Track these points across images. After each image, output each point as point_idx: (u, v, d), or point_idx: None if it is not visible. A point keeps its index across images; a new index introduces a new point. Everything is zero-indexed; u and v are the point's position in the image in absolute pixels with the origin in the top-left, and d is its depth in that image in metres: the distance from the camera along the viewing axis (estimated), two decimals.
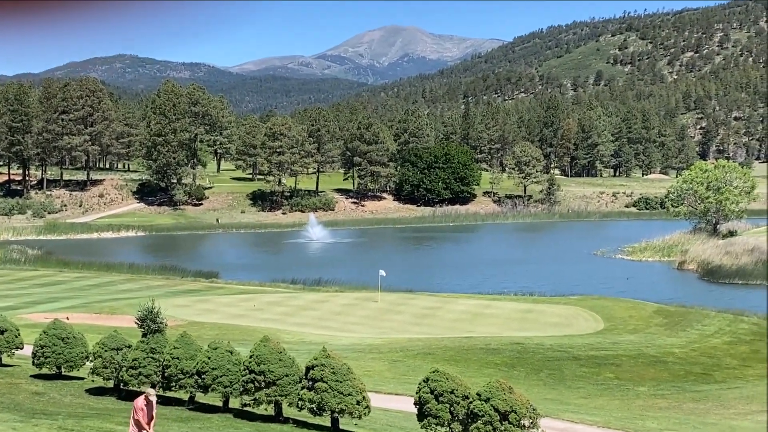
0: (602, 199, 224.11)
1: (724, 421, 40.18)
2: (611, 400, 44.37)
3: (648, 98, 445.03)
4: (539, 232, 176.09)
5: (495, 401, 25.62)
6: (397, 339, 56.49)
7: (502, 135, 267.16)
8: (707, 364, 53.48)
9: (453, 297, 77.07)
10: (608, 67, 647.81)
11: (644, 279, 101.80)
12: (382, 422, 31.90)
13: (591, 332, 60.95)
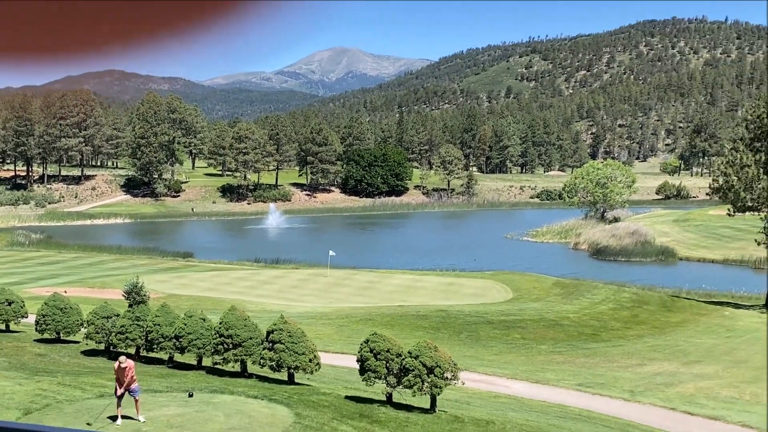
0: (511, 191, 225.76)
1: (609, 372, 40.74)
2: (518, 356, 44.82)
3: (549, 109, 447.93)
4: (460, 219, 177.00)
5: (423, 358, 25.78)
6: (342, 308, 56.62)
7: (429, 139, 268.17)
8: (596, 327, 54.21)
9: (389, 273, 77.41)
10: (516, 83, 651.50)
11: (545, 257, 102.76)
12: (331, 376, 31.99)
13: (502, 301, 61.54)
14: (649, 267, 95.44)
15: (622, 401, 33.34)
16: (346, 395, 27.70)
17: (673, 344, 50.12)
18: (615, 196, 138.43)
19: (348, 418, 24.75)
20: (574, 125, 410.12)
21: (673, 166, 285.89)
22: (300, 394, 27.17)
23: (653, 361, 44.73)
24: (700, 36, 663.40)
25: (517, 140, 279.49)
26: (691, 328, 55.72)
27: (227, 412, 24.32)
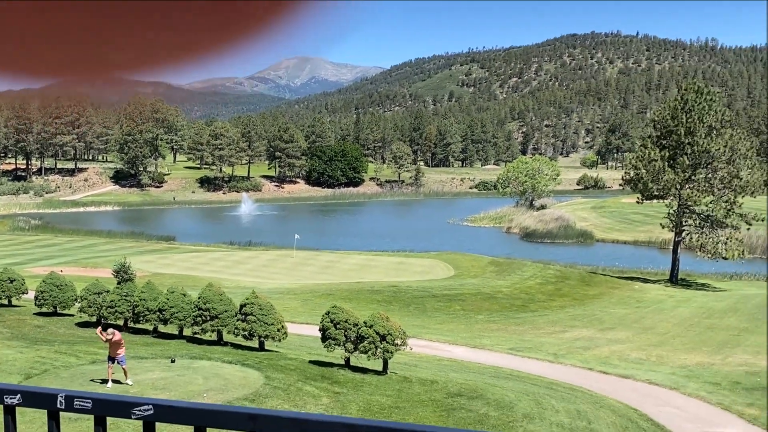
0: (453, 183, 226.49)
1: (536, 338, 41.24)
2: (458, 325, 45.17)
3: (485, 111, 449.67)
4: (409, 207, 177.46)
5: (376, 327, 25.94)
6: (307, 284, 56.62)
7: (382, 137, 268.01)
8: (525, 299, 54.78)
9: (348, 254, 77.47)
10: (458, 88, 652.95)
11: (482, 240, 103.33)
12: (296, 344, 32.05)
13: (445, 277, 61.92)
14: (570, 248, 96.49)
15: (547, 363, 33.80)
16: (310, 360, 27.79)
17: (590, 314, 50.86)
18: (542, 186, 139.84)
19: (311, 379, 24.86)
20: (507, 125, 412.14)
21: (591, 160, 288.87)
22: (269, 359, 27.22)
23: (574, 328, 45.35)
24: (615, 48, 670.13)
25: (458, 138, 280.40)
26: (606, 299, 56.57)
27: (205, 376, 24.34)
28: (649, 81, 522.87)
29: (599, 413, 24.84)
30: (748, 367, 33.64)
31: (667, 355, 36.87)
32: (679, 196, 67.31)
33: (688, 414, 25.77)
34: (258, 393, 22.85)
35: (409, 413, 22.54)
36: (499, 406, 24.00)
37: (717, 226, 66.58)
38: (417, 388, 25.07)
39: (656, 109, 74.45)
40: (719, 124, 65.97)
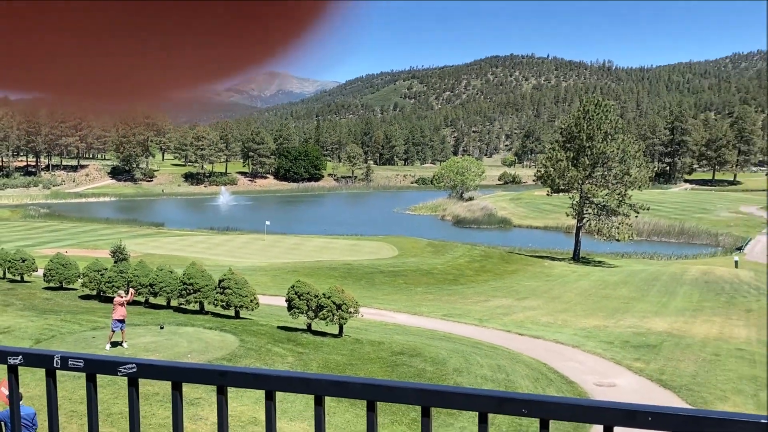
0: (397, 178, 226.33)
1: (465, 306, 41.58)
2: (402, 296, 45.32)
3: (424, 119, 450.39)
4: (361, 198, 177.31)
5: (333, 298, 25.91)
6: (275, 263, 56.28)
7: (339, 140, 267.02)
8: (456, 274, 55.17)
9: (310, 237, 77.13)
10: (401, 99, 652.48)
11: (421, 225, 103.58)
12: (266, 312, 31.86)
13: (390, 257, 62.03)
14: (493, 232, 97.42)
15: (473, 326, 34.11)
16: (278, 326, 27.67)
17: (509, 286, 51.45)
18: (470, 182, 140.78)
19: (279, 342, 24.76)
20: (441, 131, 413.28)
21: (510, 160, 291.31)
22: (244, 325, 27.04)
23: (495, 297, 45.83)
24: (529, 68, 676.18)
25: (401, 141, 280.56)
26: (521, 274, 57.27)
27: (189, 339, 24.10)
28: (557, 95, 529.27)
29: (516, 367, 25.18)
30: (635, 329, 34.38)
31: (570, 319, 37.49)
32: (580, 189, 68.35)
33: (587, 367, 26.26)
34: (234, 354, 22.70)
35: (361, 369, 22.60)
36: (434, 362, 24.19)
37: (611, 214, 67.79)
38: (367, 348, 25.13)
39: (563, 119, 75.38)
40: (613, 131, 67.11)
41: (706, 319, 37.99)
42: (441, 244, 69.52)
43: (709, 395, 22.92)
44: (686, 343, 30.83)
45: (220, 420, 2.02)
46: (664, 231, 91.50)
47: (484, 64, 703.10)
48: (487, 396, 1.73)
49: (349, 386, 1.88)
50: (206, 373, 2.02)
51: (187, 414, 16.33)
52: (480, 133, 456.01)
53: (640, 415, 1.55)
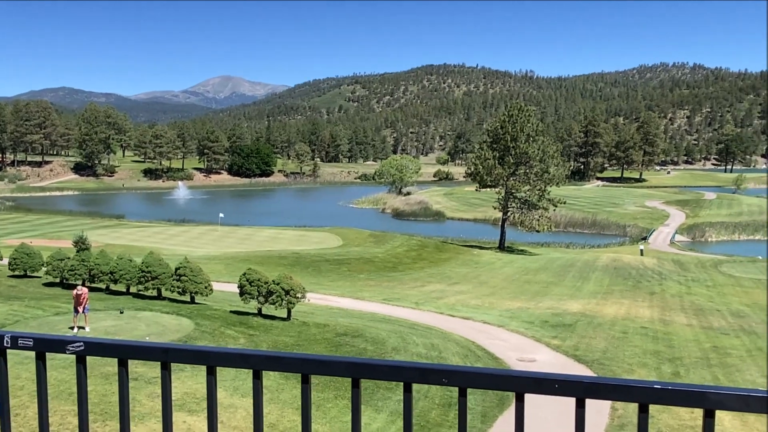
0: (342, 174, 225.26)
1: (403, 291, 41.79)
2: (346, 282, 45.28)
3: (366, 120, 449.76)
4: (309, 193, 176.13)
5: (282, 284, 25.71)
6: (229, 252, 55.48)
7: (288, 139, 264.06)
8: (395, 262, 55.41)
9: (261, 228, 76.26)
10: (345, 102, 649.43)
11: (364, 218, 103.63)
12: (220, 298, 31.40)
13: (335, 246, 61.88)
14: (428, 224, 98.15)
15: (410, 309, 34.32)
16: (231, 310, 27.30)
17: (442, 272, 51.94)
18: (407, 178, 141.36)
19: (231, 325, 24.44)
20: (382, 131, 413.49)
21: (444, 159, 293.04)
22: (199, 310, 26.59)
23: (430, 283, 46.22)
24: (461, 75, 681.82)
25: (345, 141, 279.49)
26: (453, 262, 57.88)
27: (147, 323, 23.58)
28: (485, 101, 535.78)
29: (447, 345, 25.45)
30: (553, 310, 35.15)
31: (496, 302, 38.09)
32: (505, 185, 69.34)
33: (510, 344, 26.72)
34: (189, 336, 22.31)
35: (307, 349, 22.49)
36: (374, 342, 24.25)
37: (532, 207, 69.01)
38: (313, 330, 25.03)
39: (490, 122, 76.34)
40: (534, 133, 68.25)
41: (615, 301, 39.11)
42: (382, 234, 69.68)
43: (617, 368, 23.60)
44: (597, 323, 31.67)
45: (164, 394, 1.97)
46: (578, 223, 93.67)
47: (420, 72, 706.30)
48: (411, 367, 1.74)
49: (285, 360, 1.85)
50: (150, 350, 1.95)
51: (146, 391, 15.98)
52: (417, 134, 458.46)
53: (547, 383, 1.61)
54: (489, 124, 75.44)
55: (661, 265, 54.96)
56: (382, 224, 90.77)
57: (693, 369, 23.90)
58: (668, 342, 28.19)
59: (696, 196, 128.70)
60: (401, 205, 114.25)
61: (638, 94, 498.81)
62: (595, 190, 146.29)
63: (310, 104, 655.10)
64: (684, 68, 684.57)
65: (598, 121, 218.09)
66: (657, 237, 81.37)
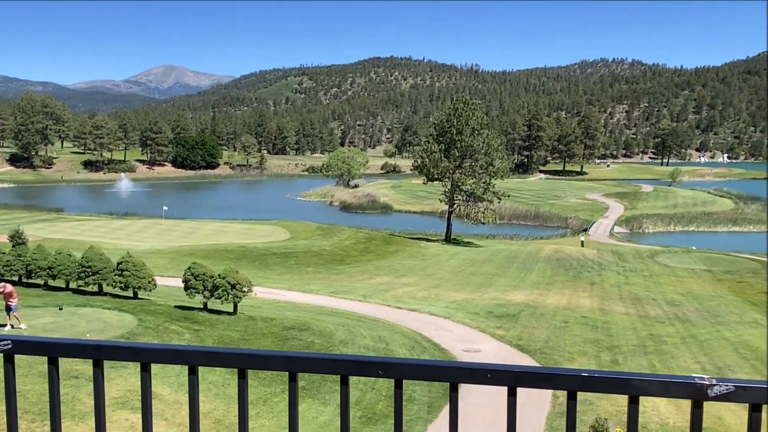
0: (290, 167, 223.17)
1: (351, 284, 41.80)
2: (293, 276, 45.01)
3: (313, 112, 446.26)
4: (256, 185, 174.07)
5: (228, 278, 25.40)
6: (173, 246, 54.40)
7: (234, 130, 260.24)
8: (343, 255, 55.35)
9: (207, 222, 75.02)
10: (292, 94, 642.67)
11: (311, 210, 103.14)
12: (164, 293, 30.79)
13: (283, 239, 61.40)
14: (376, 216, 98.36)
15: (357, 302, 34.37)
16: (175, 305, 26.81)
17: (389, 265, 52.16)
18: (355, 170, 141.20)
19: (176, 320, 24.01)
20: (330, 124, 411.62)
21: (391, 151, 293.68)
22: (142, 305, 26.01)
23: (377, 275, 46.36)
24: (407, 68, 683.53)
25: (293, 133, 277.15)
26: (401, 254, 58.18)
27: (88, 320, 22.94)
28: (431, 94, 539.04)
29: (394, 337, 25.60)
30: (497, 301, 35.74)
31: (442, 293, 38.48)
32: (451, 178, 70.01)
33: (456, 335, 27.05)
34: (132, 332, 21.82)
35: (254, 344, 22.29)
36: (322, 335, 24.20)
37: (478, 200, 69.91)
38: (260, 324, 24.82)
39: (436, 115, 76.83)
40: (479, 127, 69.06)
41: (557, 291, 40.01)
42: (329, 227, 69.50)
43: (559, 357, 24.18)
44: (540, 313, 32.35)
45: (96, 393, 1.93)
46: (522, 215, 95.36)
47: (367, 64, 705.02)
48: (347, 360, 1.75)
49: (221, 356, 1.84)
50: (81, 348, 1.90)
51: (87, 389, 15.58)
52: (364, 126, 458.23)
53: (480, 373, 1.66)
54: (435, 118, 75.94)
55: (600, 256, 56.47)
56: (329, 217, 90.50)
57: (630, 356, 24.68)
58: (607, 331, 29.03)
59: (634, 189, 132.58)
60: (349, 198, 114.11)
61: (579, 88, 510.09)
62: (538, 183, 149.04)
63: (256, 95, 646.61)
64: (623, 64, 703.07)
65: (541, 115, 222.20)
66: (597, 228, 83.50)
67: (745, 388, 1.54)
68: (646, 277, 46.42)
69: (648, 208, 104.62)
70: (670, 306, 36.13)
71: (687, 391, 1.58)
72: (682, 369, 23.03)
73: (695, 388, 1.56)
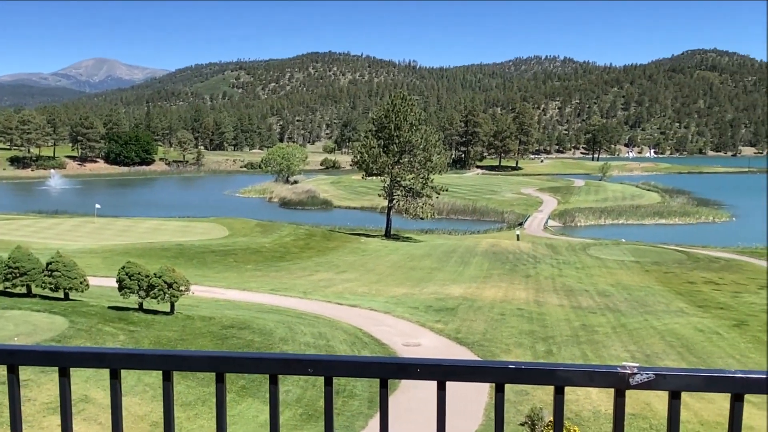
0: (228, 163, 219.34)
1: (291, 281, 41.49)
2: (232, 273, 44.35)
3: (252, 108, 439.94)
4: (193, 182, 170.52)
5: (165, 277, 24.84)
6: (107, 245, 52.76)
7: (170, 125, 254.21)
8: (283, 252, 54.87)
9: (142, 219, 73.01)
10: (230, 89, 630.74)
11: (250, 207, 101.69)
12: (97, 294, 29.84)
13: (222, 237, 60.38)
14: (316, 212, 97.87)
15: (298, 299, 34.15)
16: (109, 306, 26.03)
17: (330, 261, 52.01)
18: (294, 166, 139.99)
19: (110, 321, 23.33)
20: (268, 119, 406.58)
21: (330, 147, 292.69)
22: (74, 307, 25.15)
23: (318, 272, 46.17)
24: (346, 64, 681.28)
25: (230, 128, 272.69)
26: (341, 250, 58.09)
27: (16, 323, 22.03)
28: (370, 89, 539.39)
29: (335, 333, 25.56)
30: (436, 295, 36.12)
31: (383, 288, 38.63)
32: (390, 174, 70.23)
33: (396, 330, 27.21)
34: (63, 335, 21.08)
35: (192, 343, 21.88)
36: (261, 333, 23.95)
37: (416, 195, 70.33)
38: (198, 324, 24.37)
39: (375, 111, 76.90)
40: (417, 122, 69.50)
41: (494, 284, 40.74)
42: (269, 224, 68.77)
43: (496, 349, 24.63)
44: (478, 306, 32.88)
45: (11, 400, 1.85)
46: (460, 210, 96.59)
47: (305, 59, 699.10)
48: (274, 359, 1.73)
49: (143, 358, 1.80)
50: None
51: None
52: (303, 122, 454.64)
53: (410, 368, 1.67)
54: (374, 113, 76.04)
55: (535, 249, 57.77)
56: (269, 214, 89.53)
57: (564, 347, 25.36)
58: (542, 322, 29.74)
59: (567, 184, 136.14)
60: (288, 194, 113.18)
61: (514, 85, 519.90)
62: (475, 178, 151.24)
63: (192, 90, 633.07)
64: (555, 61, 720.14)
65: (478, 112, 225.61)
66: (532, 222, 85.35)
67: (665, 376, 1.59)
68: (578, 269, 47.76)
69: (580, 202, 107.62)
70: (601, 297, 37.29)
71: (610, 381, 1.62)
72: (613, 357, 23.81)
73: (617, 378, 1.61)
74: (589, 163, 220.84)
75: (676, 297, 38.07)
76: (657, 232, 77.94)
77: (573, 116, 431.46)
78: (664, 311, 33.59)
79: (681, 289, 40.55)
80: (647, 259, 53.06)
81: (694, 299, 37.41)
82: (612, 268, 48.76)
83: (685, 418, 16.71)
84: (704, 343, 26.84)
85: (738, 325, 30.42)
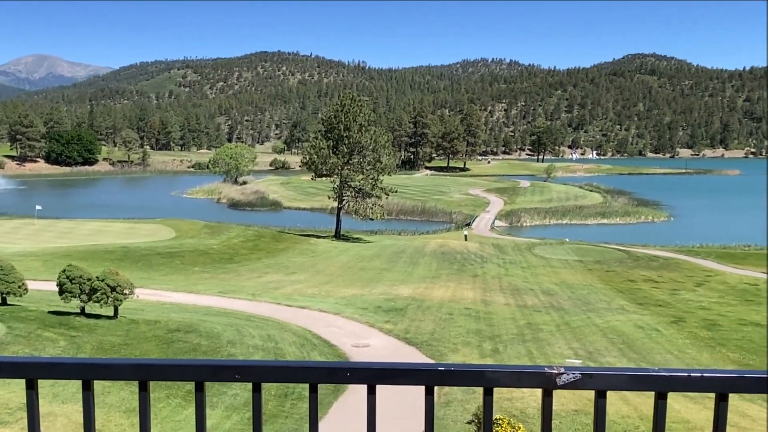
0: (174, 163, 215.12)
1: (239, 283, 40.94)
2: (179, 276, 43.51)
3: (199, 107, 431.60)
4: (139, 182, 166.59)
5: (108, 280, 24.20)
6: (48, 247, 51.07)
7: (114, 125, 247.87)
8: (231, 253, 54.14)
9: (85, 221, 70.88)
10: (176, 88, 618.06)
11: (198, 208, 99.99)
12: (37, 298, 28.82)
13: (168, 238, 59.14)
14: (265, 213, 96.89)
15: (246, 301, 33.73)
16: (49, 311, 25.19)
17: (279, 262, 51.57)
18: (243, 167, 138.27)
19: (50, 326, 22.57)
20: (216, 119, 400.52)
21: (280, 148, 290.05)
22: (11, 312, 24.25)
23: (267, 273, 45.71)
24: (295, 64, 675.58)
25: (177, 128, 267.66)
26: (291, 251, 57.68)
27: None
28: (320, 90, 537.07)
29: (284, 335, 25.32)
30: (386, 296, 36.19)
31: (332, 290, 38.49)
32: (340, 174, 70.09)
33: (346, 331, 27.14)
34: (0, 341, 20.28)
35: (136, 348, 21.35)
36: (209, 336, 23.55)
37: (366, 196, 70.38)
38: (143, 328, 23.81)
39: (324, 111, 76.62)
40: (367, 123, 69.55)
41: (443, 284, 41.07)
42: (217, 225, 67.72)
43: (444, 348, 24.81)
44: (426, 306, 33.08)
45: None
46: (409, 210, 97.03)
47: (254, 58, 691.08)
48: (200, 365, 1.70)
49: (62, 367, 1.74)
50: None
51: None
52: (252, 122, 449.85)
53: (340, 372, 1.66)
54: (323, 114, 75.78)
55: (482, 249, 58.50)
56: (217, 215, 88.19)
57: (510, 345, 25.74)
58: (489, 321, 30.12)
59: (513, 184, 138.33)
60: (237, 195, 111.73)
61: (462, 87, 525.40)
62: (423, 179, 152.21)
63: (137, 88, 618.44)
64: (502, 64, 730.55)
65: (426, 113, 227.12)
66: (479, 223, 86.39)
67: (591, 376, 1.61)
68: (524, 269, 48.57)
69: (526, 202, 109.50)
70: (546, 295, 38.01)
71: (537, 381, 1.64)
72: (557, 355, 24.28)
73: (545, 378, 1.63)
74: (534, 164, 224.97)
75: (617, 295, 39.10)
76: (599, 231, 79.87)
77: (519, 118, 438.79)
78: (605, 309, 34.45)
79: (622, 287, 41.66)
80: (590, 258, 54.34)
81: (635, 297, 38.49)
82: (556, 267, 49.74)
83: (625, 412, 17.16)
84: (644, 339, 27.64)
85: (676, 322, 31.44)
